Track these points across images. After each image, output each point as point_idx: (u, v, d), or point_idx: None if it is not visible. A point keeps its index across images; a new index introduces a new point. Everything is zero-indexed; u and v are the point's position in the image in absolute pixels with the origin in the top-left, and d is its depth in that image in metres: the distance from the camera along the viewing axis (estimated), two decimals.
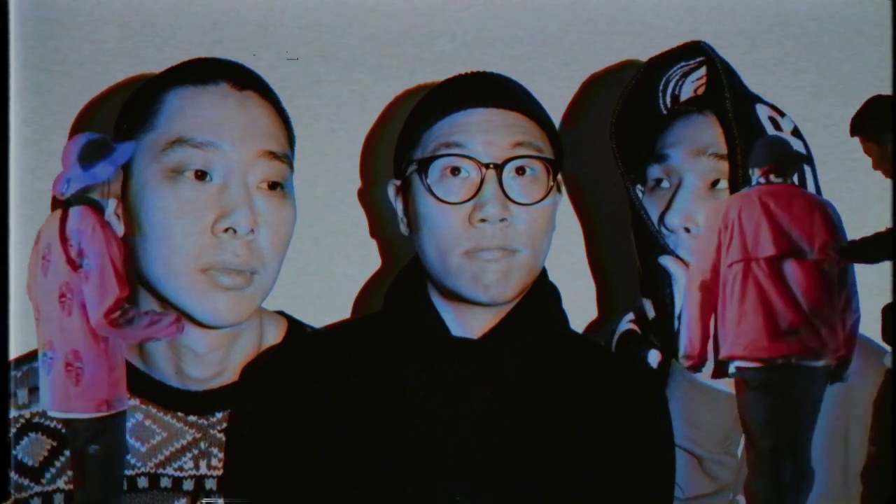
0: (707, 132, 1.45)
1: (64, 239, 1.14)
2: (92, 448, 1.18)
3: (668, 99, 1.53)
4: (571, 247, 1.82)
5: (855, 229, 1.81)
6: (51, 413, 1.18)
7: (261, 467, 1.36)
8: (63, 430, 1.39)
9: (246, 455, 1.41)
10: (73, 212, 1.16)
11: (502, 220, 1.36)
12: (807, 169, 1.45)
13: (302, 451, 1.36)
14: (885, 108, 1.22)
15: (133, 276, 1.37)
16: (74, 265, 1.13)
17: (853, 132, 1.26)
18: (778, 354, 1.27)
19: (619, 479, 1.36)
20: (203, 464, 1.45)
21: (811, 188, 1.45)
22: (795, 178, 1.38)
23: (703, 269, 1.34)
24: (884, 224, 1.73)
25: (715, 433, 1.41)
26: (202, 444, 1.45)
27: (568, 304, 1.48)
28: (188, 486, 1.44)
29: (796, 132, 1.47)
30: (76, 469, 1.22)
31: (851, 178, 1.83)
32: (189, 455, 1.45)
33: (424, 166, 1.39)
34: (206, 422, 1.45)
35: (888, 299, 1.58)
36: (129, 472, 1.43)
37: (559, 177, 1.43)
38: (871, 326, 1.55)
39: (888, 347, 1.53)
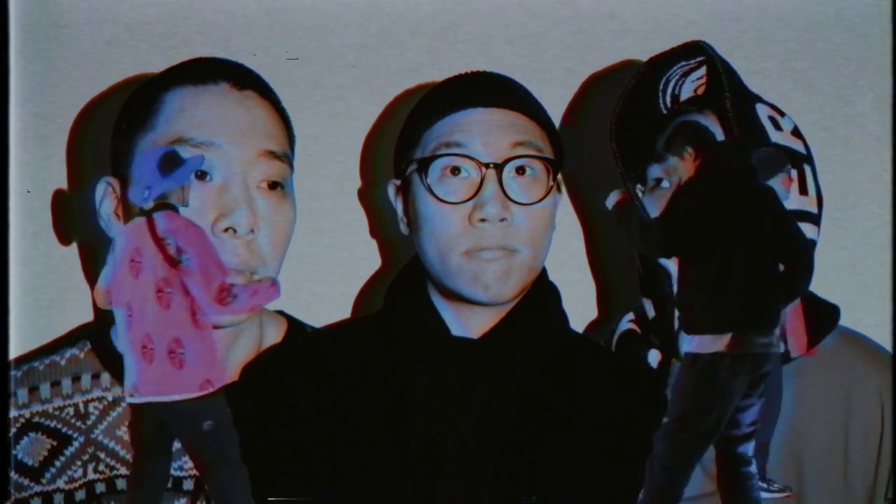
0: None
1: (158, 241, 1.22)
2: (206, 424, 1.24)
3: (668, 99, 1.53)
4: (571, 247, 1.82)
5: (854, 228, 1.82)
6: (154, 399, 1.23)
7: (260, 467, 1.36)
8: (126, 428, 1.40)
9: (246, 455, 1.41)
10: (159, 217, 1.23)
11: (502, 219, 1.36)
12: (807, 168, 1.45)
13: (302, 451, 1.36)
14: (683, 129, 1.35)
15: None
16: (174, 262, 1.22)
17: (664, 152, 1.36)
18: None
19: (619, 478, 1.36)
20: None
21: (811, 188, 1.45)
22: (788, 177, 1.38)
23: None
24: (882, 223, 1.73)
25: None
26: None
27: (568, 304, 1.48)
28: (188, 485, 1.44)
29: (796, 132, 1.47)
30: (195, 455, 1.27)
31: (851, 177, 1.83)
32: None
33: (424, 166, 1.39)
34: None
35: (888, 299, 1.58)
36: (129, 472, 1.44)
37: (559, 177, 1.43)
38: (872, 327, 1.56)
39: (889, 350, 1.53)
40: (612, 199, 1.40)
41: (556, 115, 1.69)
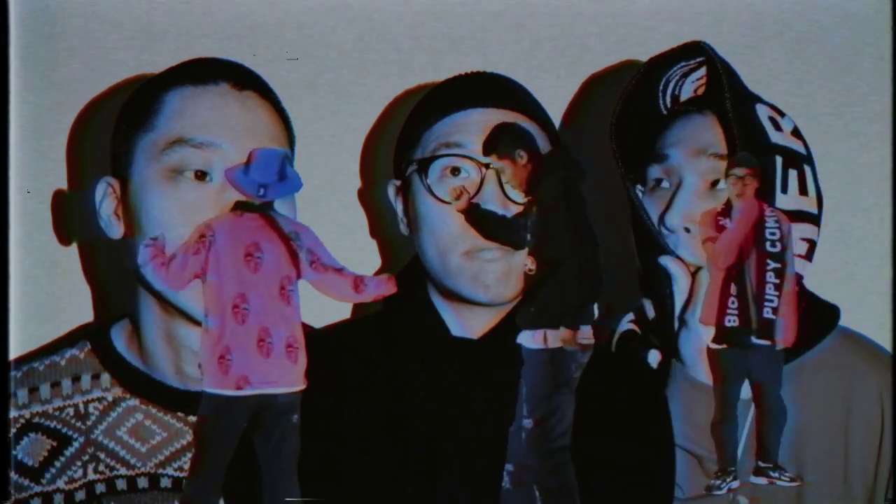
0: (707, 132, 1.45)
1: (286, 239, 1.25)
2: (294, 418, 1.27)
3: (668, 99, 1.53)
4: None
5: (854, 229, 1.82)
6: (271, 391, 1.26)
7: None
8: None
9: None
10: (281, 217, 1.27)
11: None
12: (807, 169, 1.45)
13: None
14: (511, 131, 1.34)
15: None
16: (308, 261, 1.26)
17: (486, 153, 1.35)
18: None
19: (619, 479, 1.36)
20: None
21: (811, 188, 1.45)
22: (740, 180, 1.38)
23: None
24: (882, 223, 1.73)
25: None
26: None
27: None
28: None
29: (796, 132, 1.47)
30: (268, 450, 1.29)
31: (851, 178, 1.83)
32: (189, 455, 1.44)
33: (424, 166, 1.39)
34: None
35: (888, 299, 1.58)
36: (128, 473, 1.44)
37: None
38: (872, 327, 1.56)
39: (889, 350, 1.53)
40: (450, 194, 1.35)
41: (556, 115, 1.70)
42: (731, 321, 1.36)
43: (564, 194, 1.26)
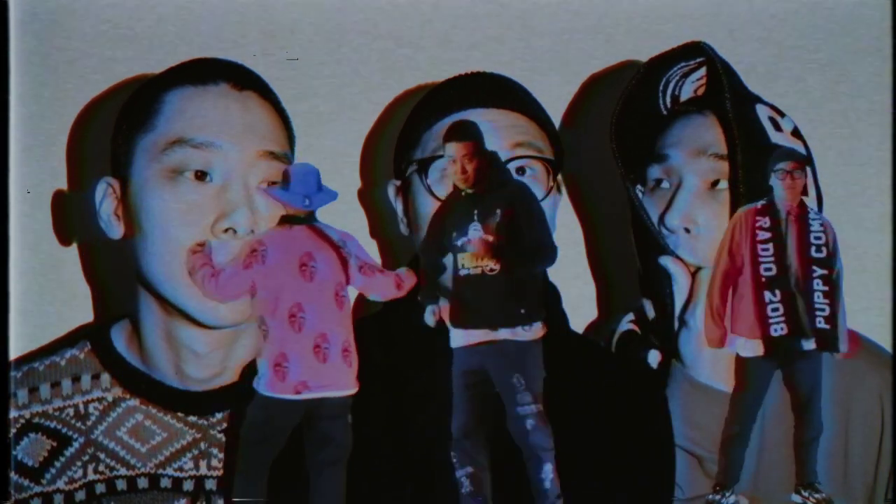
0: (707, 132, 1.45)
1: (336, 248, 1.29)
2: (348, 419, 1.30)
3: (668, 99, 1.53)
4: (571, 247, 1.82)
5: (855, 229, 1.82)
6: (329, 395, 1.28)
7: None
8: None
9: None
10: (326, 227, 1.31)
11: None
12: (807, 169, 1.45)
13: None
14: (472, 128, 1.30)
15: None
16: (357, 266, 1.30)
17: (445, 141, 1.31)
18: None
19: (619, 479, 1.36)
20: (203, 464, 1.45)
21: (811, 189, 1.45)
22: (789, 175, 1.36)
23: None
24: (882, 223, 1.73)
25: (715, 433, 1.41)
26: (202, 445, 1.45)
27: (568, 304, 1.48)
28: (188, 486, 1.44)
29: (796, 132, 1.47)
30: (316, 449, 1.31)
31: (851, 178, 1.83)
32: (189, 455, 1.45)
33: (424, 166, 1.39)
34: (206, 422, 1.45)
35: (888, 299, 1.58)
36: (128, 473, 1.44)
37: (559, 177, 1.43)
38: (872, 327, 1.56)
39: (889, 350, 1.53)
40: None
41: (556, 115, 1.70)
42: (779, 329, 1.31)
43: (515, 199, 1.27)
